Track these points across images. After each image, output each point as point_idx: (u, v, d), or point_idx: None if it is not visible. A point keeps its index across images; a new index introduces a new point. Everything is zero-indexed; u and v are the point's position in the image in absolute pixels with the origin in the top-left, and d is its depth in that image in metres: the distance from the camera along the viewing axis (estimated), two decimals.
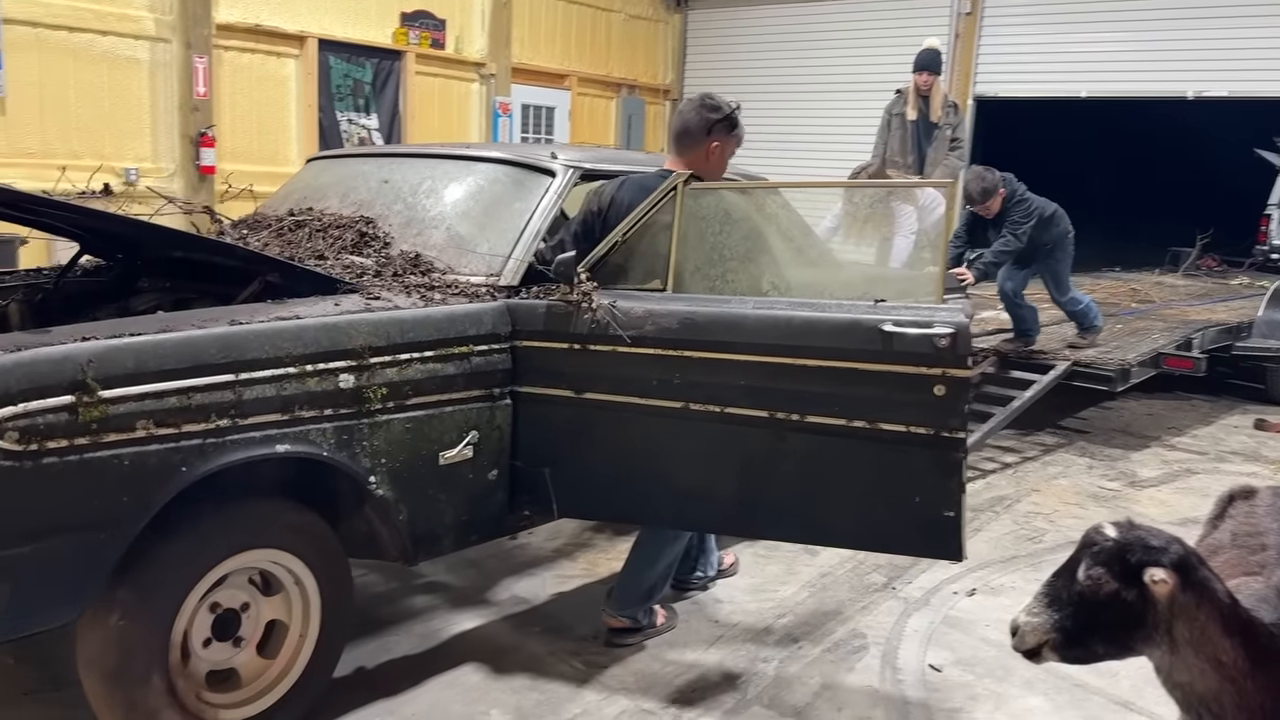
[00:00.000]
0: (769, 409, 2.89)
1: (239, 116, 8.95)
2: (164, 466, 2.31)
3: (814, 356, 2.84)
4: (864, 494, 2.89)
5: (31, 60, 7.58)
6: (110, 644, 2.36)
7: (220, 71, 8.72)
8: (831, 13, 11.38)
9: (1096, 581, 1.90)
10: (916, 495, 2.83)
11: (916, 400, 2.78)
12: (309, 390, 2.57)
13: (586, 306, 2.97)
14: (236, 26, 8.76)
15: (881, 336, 2.78)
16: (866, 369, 2.81)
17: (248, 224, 3.63)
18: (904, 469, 2.82)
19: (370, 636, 3.37)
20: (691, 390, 2.93)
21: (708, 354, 2.91)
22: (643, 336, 2.94)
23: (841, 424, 2.85)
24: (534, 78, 11.08)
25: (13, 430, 2.06)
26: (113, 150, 8.20)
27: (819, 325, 2.84)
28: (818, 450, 2.89)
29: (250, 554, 2.56)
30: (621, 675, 3.21)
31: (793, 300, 2.94)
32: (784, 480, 2.94)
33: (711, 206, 3.07)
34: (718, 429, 2.93)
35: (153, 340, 2.32)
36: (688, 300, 2.97)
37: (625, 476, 3.07)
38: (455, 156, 3.61)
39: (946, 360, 2.74)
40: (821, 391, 2.85)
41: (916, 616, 3.76)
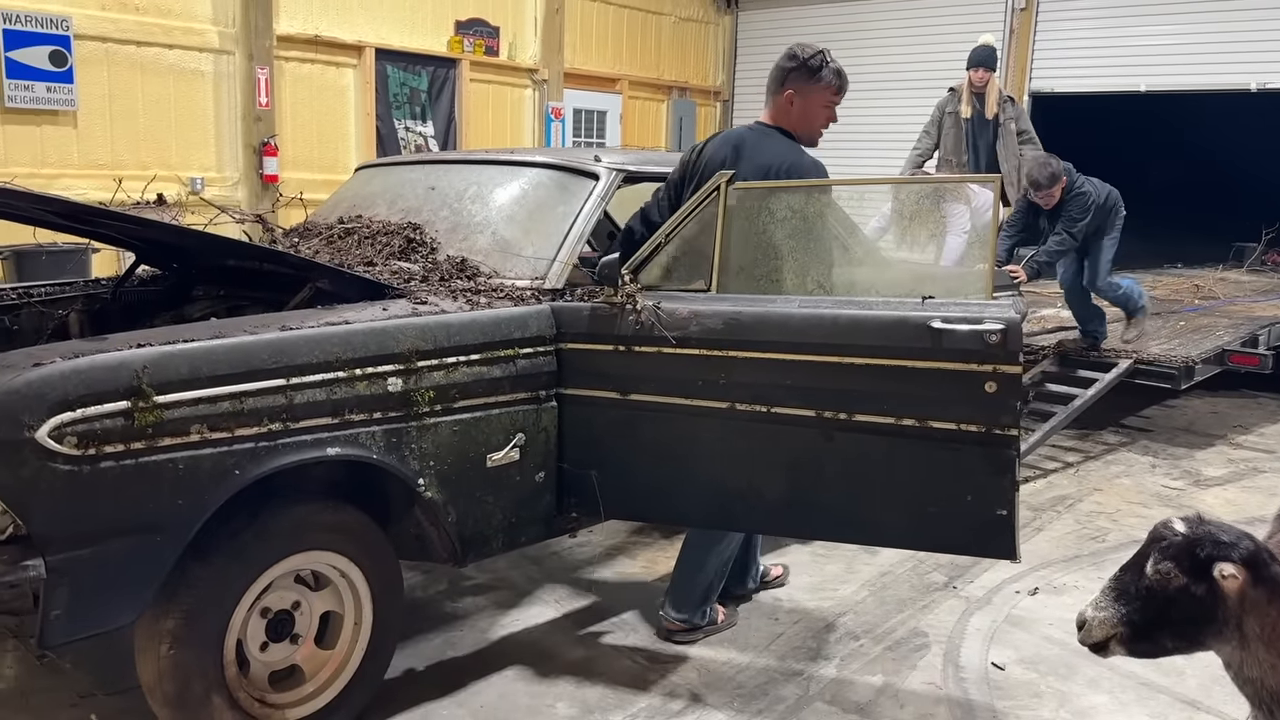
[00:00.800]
0: (816, 408, 2.87)
1: (300, 125, 9.12)
2: (218, 469, 2.36)
3: (862, 355, 2.81)
4: (915, 493, 2.85)
5: (101, 75, 7.80)
6: (165, 674, 2.42)
7: (281, 82, 8.90)
8: (884, 10, 11.26)
9: (1165, 576, 1.89)
10: (969, 494, 2.79)
11: (967, 397, 2.73)
12: (358, 394, 2.60)
13: (631, 308, 2.98)
14: (296, 38, 8.93)
15: (930, 333, 2.74)
16: (916, 366, 2.77)
17: (299, 232, 3.70)
18: (955, 467, 2.78)
19: (435, 632, 3.42)
20: (737, 390, 2.92)
21: (753, 354, 2.89)
22: (687, 337, 2.93)
23: (891, 422, 2.81)
24: (586, 82, 11.13)
25: (71, 435, 2.12)
26: (179, 160, 8.41)
27: (866, 323, 2.81)
28: (866, 449, 2.85)
29: (291, 560, 2.60)
30: (683, 671, 3.22)
31: (839, 299, 2.91)
32: (832, 480, 2.91)
33: (754, 205, 3.05)
34: (764, 429, 2.91)
35: (206, 346, 2.37)
36: (732, 300, 2.95)
37: (671, 478, 3.07)
38: (500, 162, 3.64)
39: (997, 357, 2.69)
40: (870, 390, 2.82)
41: (978, 615, 3.71)
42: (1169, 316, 6.92)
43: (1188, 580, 1.87)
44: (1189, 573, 1.87)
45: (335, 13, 9.18)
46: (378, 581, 2.80)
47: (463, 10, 10.05)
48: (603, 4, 11.33)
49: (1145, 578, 1.92)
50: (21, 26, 7.18)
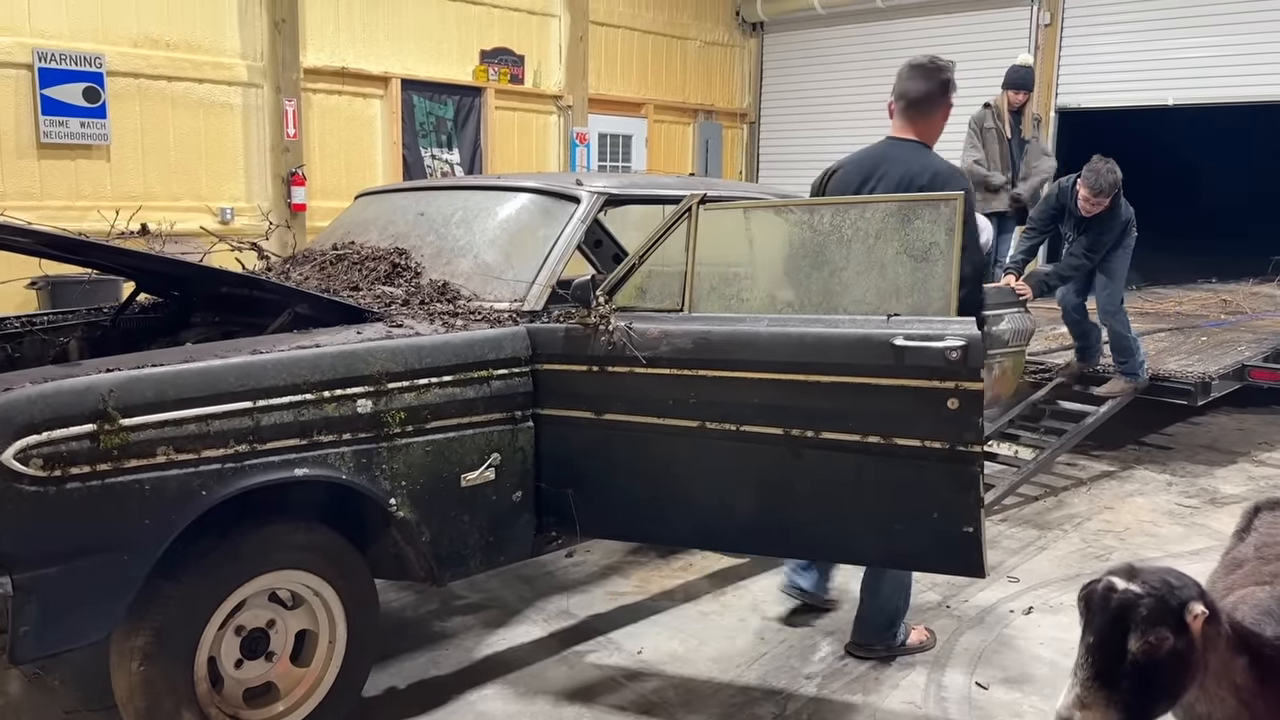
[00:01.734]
0: (784, 426, 2.88)
1: (327, 155, 9.32)
2: (184, 490, 2.43)
3: (827, 372, 2.83)
4: (882, 510, 2.86)
5: (134, 109, 8.05)
6: (136, 689, 2.48)
7: (309, 113, 9.10)
8: (909, 30, 11.24)
9: (1159, 642, 1.76)
10: (934, 511, 2.78)
11: (930, 414, 2.74)
12: (327, 415, 2.67)
13: (604, 329, 3.02)
14: (323, 70, 9.13)
15: (893, 351, 2.75)
16: (879, 384, 2.79)
17: (296, 259, 3.79)
18: (920, 484, 2.78)
19: (420, 651, 3.46)
20: (707, 409, 2.95)
21: (722, 372, 2.92)
22: (658, 357, 2.97)
23: (856, 440, 2.82)
24: (611, 107, 11.24)
25: (37, 457, 2.20)
26: (210, 191, 8.62)
27: (831, 341, 2.83)
28: (834, 467, 2.86)
29: (262, 579, 2.66)
30: (663, 690, 3.23)
31: (806, 317, 2.92)
32: (801, 498, 2.92)
33: (726, 226, 3.09)
34: (734, 447, 2.93)
35: (172, 371, 2.45)
36: (703, 320, 2.99)
37: (646, 497, 3.10)
38: (486, 187, 3.71)
39: (959, 374, 2.70)
40: (835, 407, 2.83)
41: (969, 634, 3.68)
42: (1189, 332, 6.80)
43: (1173, 637, 1.77)
44: (1175, 629, 1.77)
45: (361, 44, 9.38)
46: (352, 600, 2.85)
47: (488, 40, 10.21)
48: (627, 30, 11.45)
49: (1132, 653, 1.77)
50: (56, 65, 7.44)
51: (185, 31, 8.28)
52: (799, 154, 12.22)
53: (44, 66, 7.37)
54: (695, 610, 3.84)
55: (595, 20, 10.96)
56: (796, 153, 12.26)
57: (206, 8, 8.37)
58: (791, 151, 12.33)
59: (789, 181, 12.04)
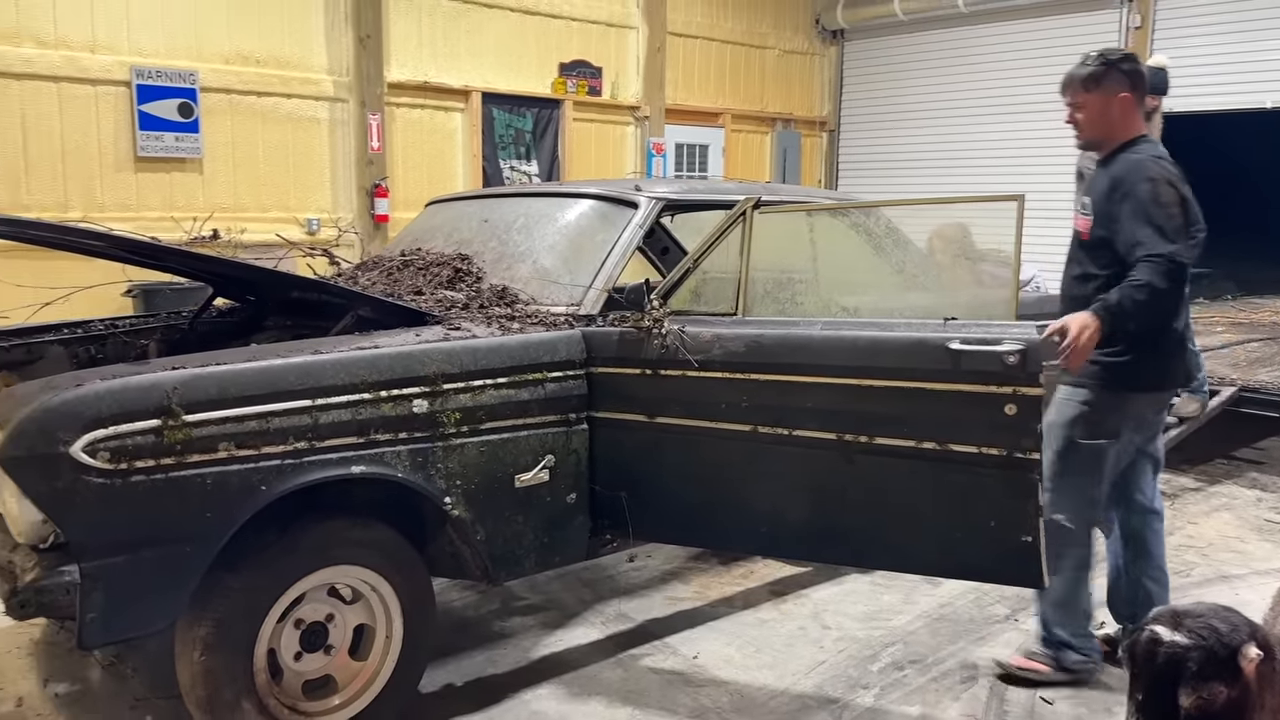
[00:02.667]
0: (837, 431, 2.86)
1: (410, 168, 9.53)
2: (245, 485, 2.51)
3: (881, 377, 2.80)
4: (937, 518, 2.81)
5: (225, 124, 8.35)
6: (198, 678, 2.57)
7: (392, 127, 9.33)
8: (993, 35, 11.03)
9: (1213, 698, 1.71)
10: (991, 519, 2.73)
11: (987, 420, 2.69)
12: (383, 414, 2.73)
13: (657, 332, 3.03)
14: (407, 84, 9.35)
15: (949, 355, 2.71)
16: (934, 388, 2.75)
17: (366, 265, 3.89)
18: (977, 492, 2.73)
19: (479, 649, 3.51)
20: (759, 413, 2.94)
21: (774, 376, 2.92)
22: (710, 360, 2.98)
23: (911, 445, 2.79)
24: (688, 117, 11.27)
25: (105, 450, 2.30)
26: (297, 203, 8.90)
27: (885, 345, 2.80)
28: (888, 473, 2.83)
29: (321, 573, 2.73)
30: (716, 695, 3.22)
31: (860, 320, 2.90)
32: (855, 504, 2.90)
33: (780, 229, 3.08)
34: (786, 452, 2.92)
35: (235, 369, 2.54)
36: (754, 324, 2.98)
37: (697, 501, 3.10)
38: (548, 194, 3.76)
39: (1017, 378, 2.64)
40: (890, 412, 2.80)
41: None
42: None
43: (1226, 689, 1.71)
44: (1228, 680, 1.71)
45: (443, 59, 9.58)
46: (408, 596, 2.90)
47: (566, 53, 10.34)
48: (705, 40, 11.47)
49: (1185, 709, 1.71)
50: (153, 82, 7.77)
51: (274, 48, 8.56)
52: (880, 161, 12.08)
53: (141, 83, 7.71)
54: (754, 617, 3.81)
55: (673, 31, 11.01)
56: (878, 160, 12.12)
57: (295, 25, 8.65)
58: (873, 159, 12.20)
59: (869, 189, 11.91)
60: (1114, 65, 3.07)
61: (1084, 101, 3.11)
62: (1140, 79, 3.11)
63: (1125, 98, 3.07)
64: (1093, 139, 3.17)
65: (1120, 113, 3.08)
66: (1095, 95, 3.08)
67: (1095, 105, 3.09)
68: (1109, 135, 3.12)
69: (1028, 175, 10.51)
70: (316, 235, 8.78)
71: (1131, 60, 3.13)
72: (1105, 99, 3.07)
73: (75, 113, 7.57)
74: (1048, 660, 3.30)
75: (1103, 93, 3.07)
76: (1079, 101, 3.12)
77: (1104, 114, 3.08)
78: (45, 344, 3.46)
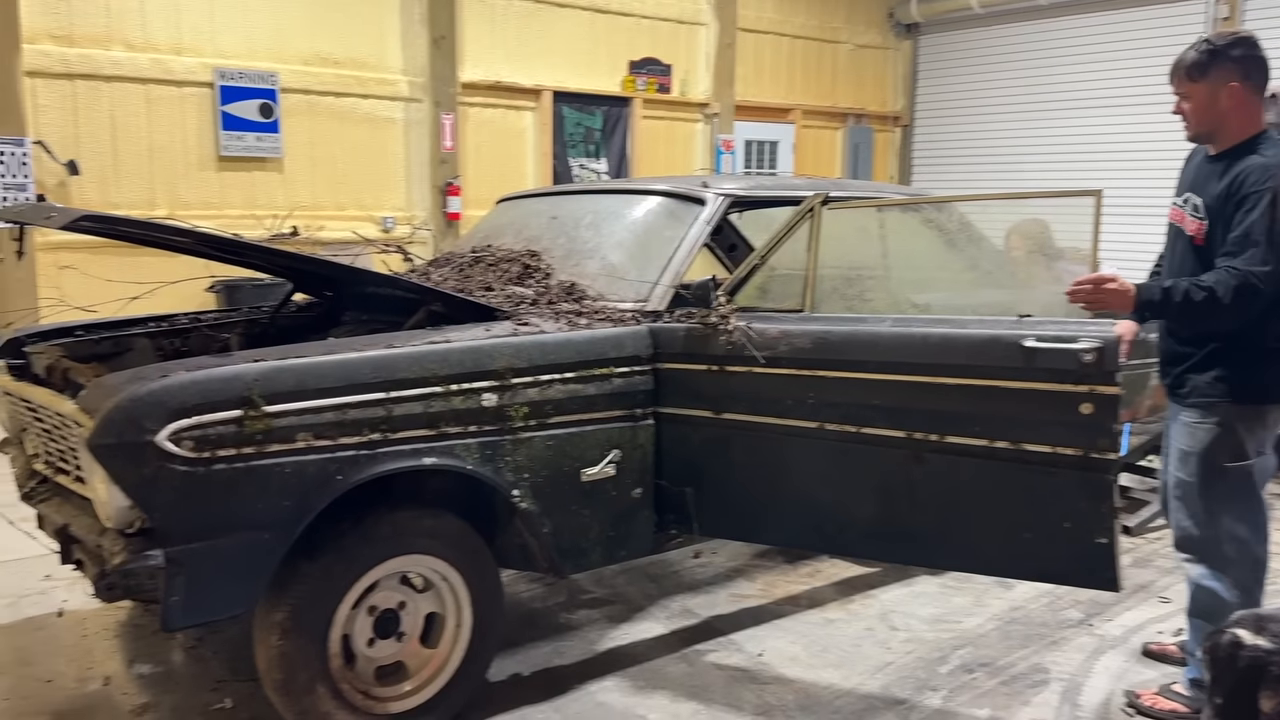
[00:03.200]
0: (907, 429, 2.84)
1: (482, 166, 9.65)
2: (322, 474, 2.58)
3: (952, 374, 2.78)
4: (1009, 518, 2.78)
5: (304, 124, 8.55)
6: (274, 662, 2.65)
7: (465, 126, 9.46)
8: (1073, 28, 10.79)
9: None
10: (1066, 520, 2.69)
11: (1062, 419, 2.65)
12: (454, 408, 2.78)
13: (724, 328, 3.04)
14: (479, 84, 9.48)
15: (1023, 353, 2.68)
16: (1008, 386, 2.71)
17: (438, 262, 3.96)
18: (1051, 492, 2.70)
19: (545, 641, 3.56)
20: (826, 410, 2.94)
21: (842, 373, 2.91)
22: (777, 357, 2.98)
23: (983, 444, 2.76)
24: (757, 113, 11.22)
25: (188, 439, 2.38)
26: (373, 201, 9.07)
27: (957, 342, 2.78)
28: (958, 472, 2.80)
29: (393, 562, 2.79)
30: (781, 693, 3.22)
31: (931, 318, 2.88)
32: (923, 503, 2.87)
33: (849, 225, 3.07)
34: (854, 449, 2.91)
35: (313, 362, 2.61)
36: (822, 320, 2.97)
37: (762, 497, 3.10)
38: (617, 191, 3.79)
39: (1093, 377, 2.61)
40: (961, 411, 2.78)
41: (1110, 655, 3.51)
42: None
43: None
44: None
45: (515, 59, 9.69)
46: (477, 586, 2.95)
47: (636, 51, 10.37)
48: (775, 36, 11.41)
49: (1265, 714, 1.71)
50: (235, 83, 7.99)
51: (352, 49, 8.74)
52: (956, 157, 11.90)
53: (224, 85, 7.93)
54: (820, 617, 3.80)
55: (743, 27, 10.97)
56: (953, 156, 11.94)
57: (372, 26, 8.82)
58: (948, 154, 12.03)
59: (944, 185, 11.73)
60: (1221, 52, 2.82)
61: (1190, 91, 2.88)
62: (1256, 66, 2.83)
63: (1235, 87, 2.80)
64: (1201, 132, 2.92)
65: (1232, 104, 2.82)
66: (1201, 85, 2.84)
67: (1202, 95, 2.85)
68: (1218, 128, 2.87)
69: (1107, 171, 10.26)
70: (391, 233, 8.95)
71: (1245, 45, 2.83)
72: (1213, 89, 2.82)
73: (161, 113, 7.83)
74: (1187, 702, 3.04)
75: (1209, 82, 2.83)
76: (1185, 91, 2.90)
77: (1211, 105, 2.85)
78: (133, 337, 3.59)
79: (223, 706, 3.06)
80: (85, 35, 7.48)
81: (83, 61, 7.46)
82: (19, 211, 2.96)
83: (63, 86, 7.42)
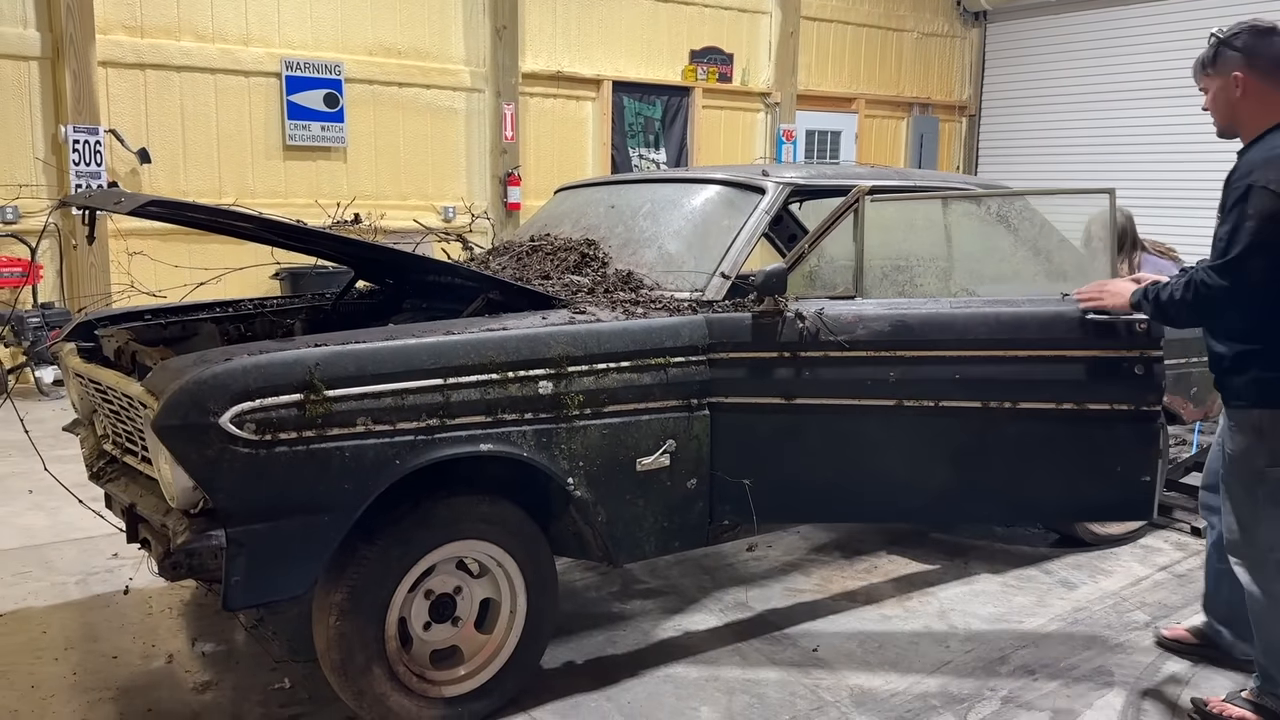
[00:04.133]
0: (983, 399, 3.20)
1: (541, 156, 9.71)
2: (380, 459, 2.60)
3: (1024, 347, 3.20)
4: (1071, 470, 3.25)
5: (368, 114, 8.67)
6: (332, 643, 2.68)
7: (525, 116, 9.51)
8: (1146, 15, 10.51)
9: None
10: (1119, 465, 3.22)
11: (1118, 380, 3.18)
12: (510, 395, 2.79)
13: (795, 316, 3.12)
14: (540, 74, 9.52)
15: (1086, 325, 3.17)
16: (1073, 355, 3.20)
17: (497, 250, 3.98)
18: (1109, 443, 3.21)
19: (599, 630, 3.56)
20: (905, 387, 3.20)
21: (921, 352, 3.19)
22: (856, 340, 3.17)
23: (1052, 407, 3.21)
24: (820, 103, 11.12)
25: (251, 422, 2.42)
26: (435, 191, 9.17)
27: (1027, 318, 3.18)
28: (1029, 433, 3.22)
29: (450, 547, 2.81)
30: (836, 689, 3.18)
31: (985, 299, 3.26)
32: (996, 465, 3.26)
33: (893, 216, 3.12)
34: (931, 421, 3.21)
35: (372, 347, 2.63)
36: (895, 304, 3.23)
37: (834, 476, 3.28)
38: (675, 180, 3.77)
39: (1143, 342, 3.17)
40: (1032, 379, 3.20)
41: (1176, 660, 3.41)
42: None
43: None
44: None
45: (576, 49, 9.71)
46: (532, 573, 2.96)
47: (697, 40, 10.33)
48: (839, 24, 11.29)
49: None
50: (301, 73, 8.11)
51: (415, 40, 8.83)
52: (1024, 147, 11.68)
53: (290, 75, 8.06)
54: (877, 613, 3.75)
55: (807, 15, 10.88)
56: (1021, 146, 11.72)
57: (434, 17, 8.90)
58: (1016, 145, 11.81)
59: (1012, 176, 11.53)
60: (1224, 43, 2.80)
61: (1206, 85, 2.87)
62: (1261, 51, 2.76)
63: (1239, 77, 2.77)
64: (1222, 125, 2.89)
65: (1242, 94, 2.78)
66: (1213, 78, 2.84)
67: (1213, 89, 2.84)
68: (1235, 120, 2.83)
69: (1181, 163, 10.01)
70: (452, 222, 9.04)
71: (1249, 33, 2.78)
72: (1223, 80, 2.81)
73: (229, 103, 7.99)
74: (1256, 710, 2.96)
75: (1218, 73, 2.82)
76: (1204, 86, 2.89)
77: (1225, 98, 2.82)
78: (199, 321, 3.66)
79: (281, 686, 3.12)
80: (156, 26, 7.65)
81: (154, 52, 7.64)
82: (88, 197, 3.02)
83: (134, 76, 7.61)
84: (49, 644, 3.41)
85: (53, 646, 3.39)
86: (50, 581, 3.93)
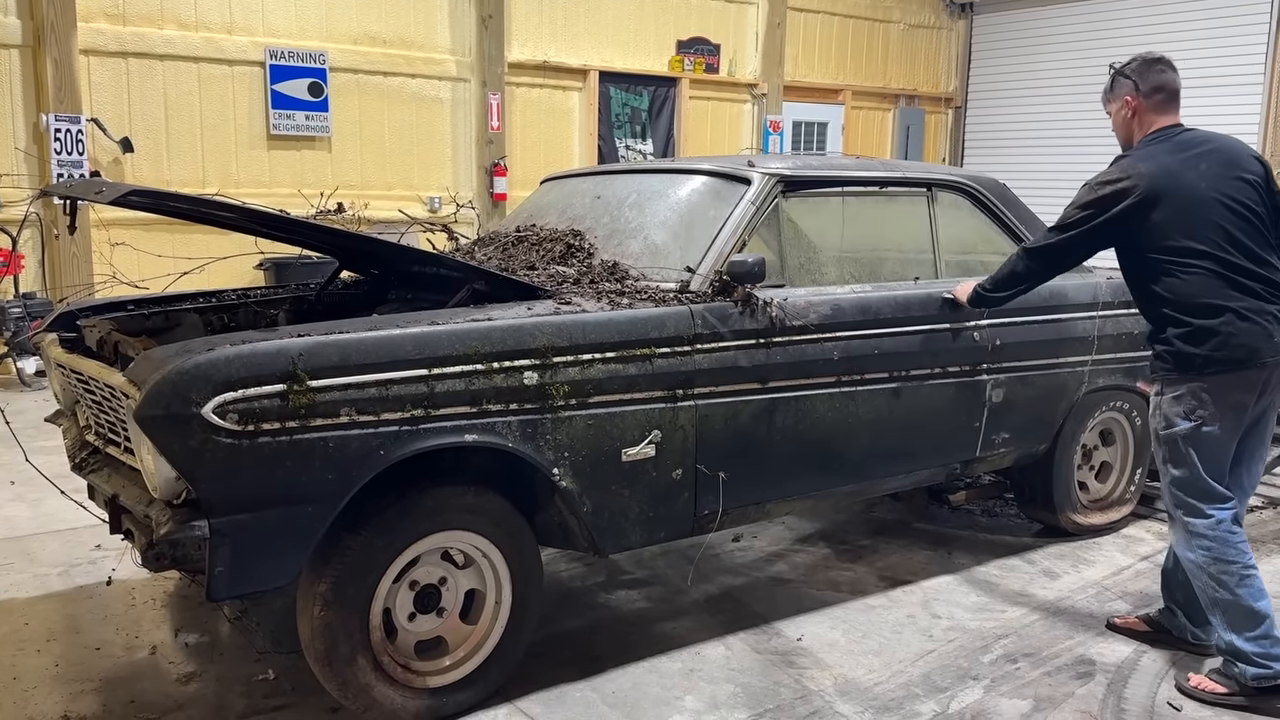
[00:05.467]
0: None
1: (528, 147, 9.68)
2: (364, 449, 2.59)
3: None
4: (949, 422, 3.85)
5: (353, 103, 8.62)
6: (317, 633, 2.68)
7: (511, 106, 9.48)
8: (1132, 8, 10.54)
9: None
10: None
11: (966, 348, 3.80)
12: (495, 385, 2.79)
13: (761, 303, 3.23)
14: (526, 64, 9.48)
15: (944, 302, 3.69)
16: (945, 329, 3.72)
17: (482, 241, 3.97)
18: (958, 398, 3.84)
19: (584, 619, 3.57)
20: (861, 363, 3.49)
21: (872, 331, 3.50)
22: (811, 324, 3.37)
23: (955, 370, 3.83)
24: (806, 94, 11.12)
25: (233, 412, 2.41)
26: (420, 181, 9.14)
27: (912, 300, 3.62)
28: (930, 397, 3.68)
29: (434, 537, 2.81)
30: (820, 678, 3.20)
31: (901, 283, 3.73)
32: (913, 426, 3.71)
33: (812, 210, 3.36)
34: (863, 395, 3.51)
35: (356, 337, 2.62)
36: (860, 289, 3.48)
37: (805, 454, 3.44)
38: (661, 170, 3.76)
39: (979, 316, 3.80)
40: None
41: (1159, 649, 3.44)
42: None
43: None
44: None
45: (562, 39, 9.68)
46: (517, 564, 2.96)
47: (684, 30, 10.31)
48: (826, 15, 11.29)
49: None
50: (285, 62, 8.06)
51: (400, 29, 8.78)
52: (1009, 139, 11.71)
53: (274, 64, 8.01)
54: (861, 604, 3.77)
55: (794, 6, 10.87)
56: (1006, 138, 11.75)
57: (420, 6, 8.85)
58: (1001, 137, 11.84)
59: (998, 167, 11.55)
60: (1120, 73, 3.18)
61: (1109, 110, 3.26)
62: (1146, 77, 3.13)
63: (1128, 100, 3.15)
64: (1123, 144, 3.25)
65: (1132, 114, 3.17)
66: (1112, 103, 3.22)
67: (1113, 112, 3.23)
68: (1129, 138, 3.22)
69: None
70: (438, 213, 9.01)
71: (1141, 63, 3.17)
72: (1119, 104, 3.19)
73: (213, 92, 7.93)
74: (1224, 681, 3.09)
75: (1115, 98, 3.20)
76: (1108, 111, 3.27)
77: (1119, 119, 3.22)
78: (182, 312, 3.64)
79: (265, 677, 3.11)
80: (139, 14, 7.58)
81: (136, 40, 7.57)
82: (70, 187, 2.99)
83: (116, 65, 7.55)
84: (31, 636, 3.39)
85: (35, 638, 3.37)
86: (32, 573, 3.91)
